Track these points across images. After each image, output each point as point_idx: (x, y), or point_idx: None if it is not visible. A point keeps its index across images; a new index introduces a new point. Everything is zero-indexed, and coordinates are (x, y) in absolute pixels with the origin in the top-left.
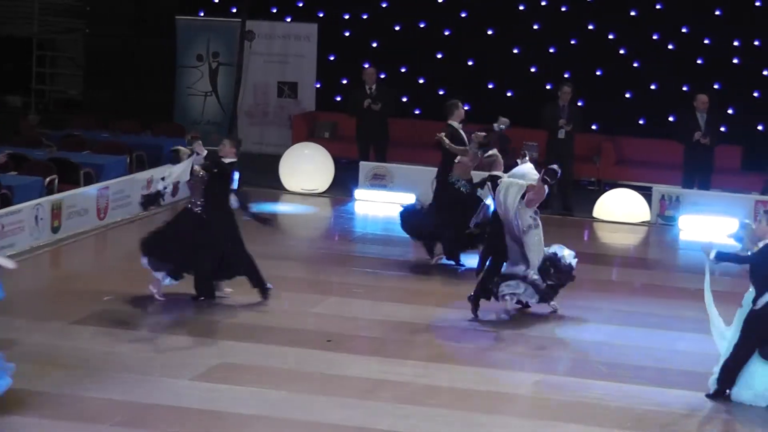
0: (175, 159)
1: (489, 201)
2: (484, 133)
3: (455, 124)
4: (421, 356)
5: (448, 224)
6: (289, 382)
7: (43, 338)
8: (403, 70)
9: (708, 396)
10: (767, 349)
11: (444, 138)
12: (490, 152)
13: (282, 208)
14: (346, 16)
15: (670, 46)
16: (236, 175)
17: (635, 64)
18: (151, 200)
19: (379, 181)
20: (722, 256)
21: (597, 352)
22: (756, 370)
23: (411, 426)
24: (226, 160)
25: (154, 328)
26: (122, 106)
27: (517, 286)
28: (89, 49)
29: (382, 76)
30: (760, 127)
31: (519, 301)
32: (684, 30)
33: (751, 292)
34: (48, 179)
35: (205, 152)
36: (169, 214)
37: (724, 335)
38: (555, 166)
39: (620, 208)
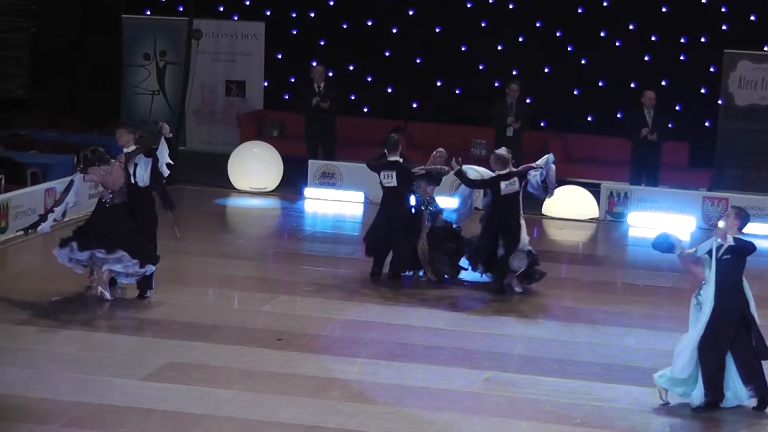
0: (102, 157)
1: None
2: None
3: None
4: (370, 354)
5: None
6: (239, 381)
7: None
8: (351, 68)
9: (695, 410)
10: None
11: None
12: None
13: (231, 206)
14: (294, 15)
15: (617, 43)
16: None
17: (583, 61)
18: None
19: (328, 179)
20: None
21: (546, 349)
22: (732, 368)
23: (360, 424)
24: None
25: (103, 327)
26: (69, 105)
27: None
28: (35, 48)
29: (330, 75)
30: (707, 124)
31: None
32: (631, 27)
33: (710, 291)
34: None
35: (170, 135)
36: None
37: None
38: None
39: (569, 205)
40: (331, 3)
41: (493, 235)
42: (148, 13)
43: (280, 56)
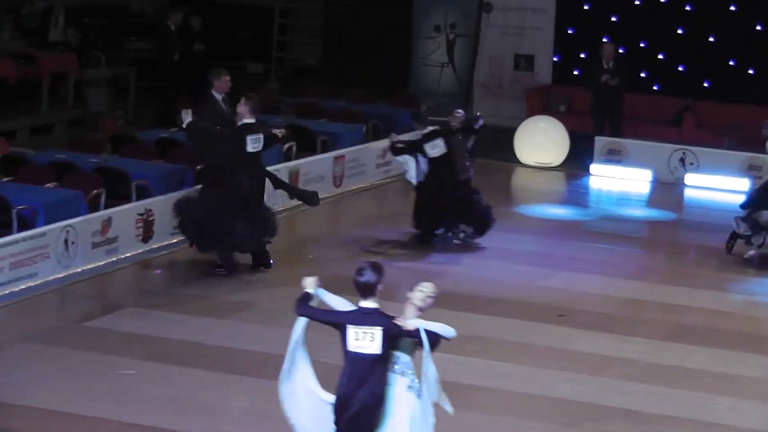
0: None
1: None
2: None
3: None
4: (650, 334)
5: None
6: (517, 355)
7: (277, 302)
8: (642, 45)
9: None
10: None
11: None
12: None
13: (516, 180)
14: None
15: None
16: None
17: None
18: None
19: (614, 156)
20: None
21: None
22: None
23: (640, 404)
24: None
25: (384, 296)
26: (359, 75)
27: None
28: (328, 18)
29: (621, 51)
30: None
31: None
32: None
33: None
34: (286, 146)
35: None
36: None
37: None
38: None
39: None
40: None
41: None
42: None
43: (571, 31)
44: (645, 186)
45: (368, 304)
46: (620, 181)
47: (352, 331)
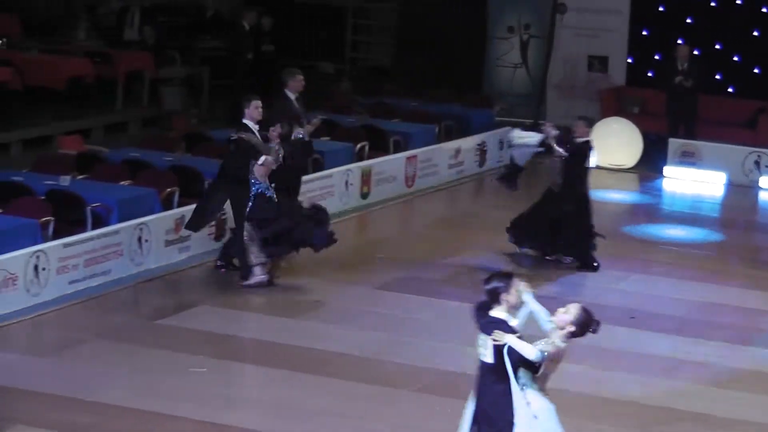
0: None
1: None
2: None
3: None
4: (723, 337)
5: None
6: (588, 357)
7: (348, 302)
8: (717, 46)
9: None
10: None
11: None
12: None
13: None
14: None
15: None
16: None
17: None
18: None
19: (688, 158)
20: None
21: None
22: None
23: (711, 408)
24: (580, 140)
25: (456, 297)
26: (432, 75)
27: None
28: (402, 19)
29: (696, 53)
30: None
31: None
32: None
33: None
34: (359, 146)
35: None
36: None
37: None
38: None
39: None
40: None
41: None
42: None
43: (645, 33)
44: (719, 189)
45: (495, 312)
46: (694, 183)
47: (478, 337)
